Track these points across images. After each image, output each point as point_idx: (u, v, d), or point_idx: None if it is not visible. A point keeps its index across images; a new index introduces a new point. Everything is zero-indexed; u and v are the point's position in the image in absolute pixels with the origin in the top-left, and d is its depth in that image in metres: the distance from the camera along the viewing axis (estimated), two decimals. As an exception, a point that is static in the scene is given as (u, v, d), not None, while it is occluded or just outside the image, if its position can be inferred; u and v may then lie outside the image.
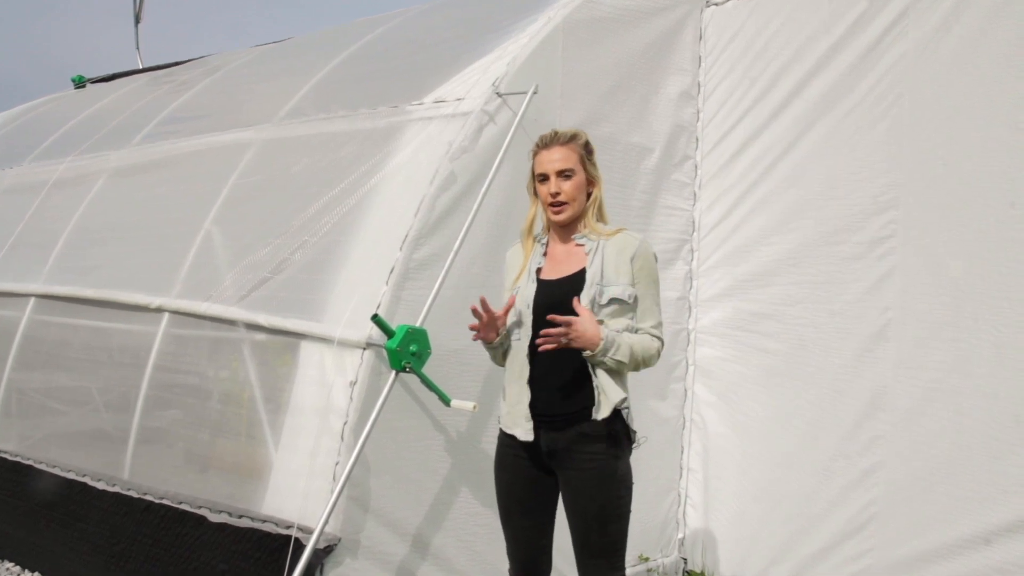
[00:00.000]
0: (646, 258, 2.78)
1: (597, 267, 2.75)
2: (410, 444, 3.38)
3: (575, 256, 2.83)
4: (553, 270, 2.85)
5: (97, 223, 4.92)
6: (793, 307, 4.07)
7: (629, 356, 2.71)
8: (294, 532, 3.16)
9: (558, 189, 2.79)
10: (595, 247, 2.79)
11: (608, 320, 2.73)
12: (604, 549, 2.75)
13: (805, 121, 4.06)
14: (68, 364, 4.65)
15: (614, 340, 2.69)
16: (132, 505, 3.83)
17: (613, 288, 2.73)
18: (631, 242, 2.79)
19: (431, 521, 3.45)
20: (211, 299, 3.81)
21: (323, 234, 3.67)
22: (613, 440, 2.73)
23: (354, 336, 3.24)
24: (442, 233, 3.43)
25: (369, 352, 3.22)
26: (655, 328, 2.79)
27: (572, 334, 2.64)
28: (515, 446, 2.83)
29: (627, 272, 2.75)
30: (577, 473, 2.74)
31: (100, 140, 5.66)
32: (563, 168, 2.79)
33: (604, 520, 2.73)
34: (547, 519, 2.88)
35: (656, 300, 2.81)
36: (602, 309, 2.73)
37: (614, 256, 2.76)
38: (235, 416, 3.73)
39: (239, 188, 4.29)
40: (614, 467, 2.73)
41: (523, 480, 2.85)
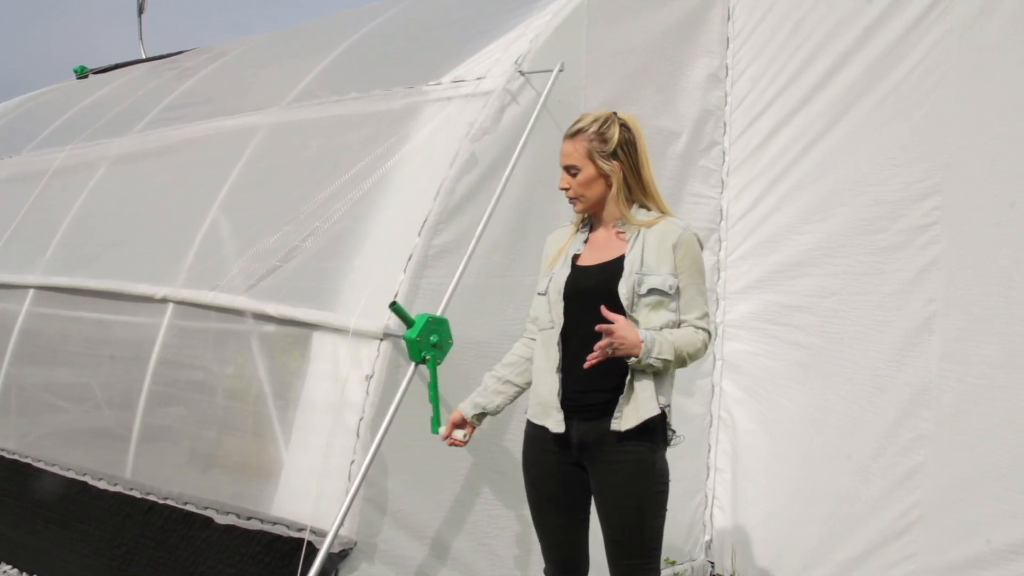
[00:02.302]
0: (689, 246, 2.60)
1: (636, 255, 2.58)
2: (429, 442, 3.16)
3: (615, 243, 2.65)
4: (591, 256, 2.67)
5: (98, 212, 4.73)
6: (828, 299, 3.88)
7: (673, 353, 2.53)
8: (307, 535, 2.97)
9: (566, 184, 2.66)
10: (636, 235, 2.61)
11: (648, 313, 2.55)
12: (640, 549, 2.57)
13: (841, 104, 3.86)
14: (68, 359, 4.48)
15: (655, 339, 2.51)
16: (135, 506, 3.65)
17: (653, 278, 2.55)
18: (673, 229, 2.61)
19: (450, 523, 3.26)
20: (217, 288, 3.62)
21: (335, 220, 3.48)
22: (650, 431, 2.55)
23: (370, 326, 3.06)
24: (462, 218, 3.25)
25: (386, 343, 3.04)
26: (700, 319, 2.61)
27: (616, 342, 2.46)
28: (545, 439, 2.66)
29: (669, 261, 2.57)
30: (611, 466, 2.56)
31: (102, 128, 5.48)
32: (568, 164, 2.64)
33: (641, 517, 2.55)
34: (583, 513, 2.71)
35: (701, 290, 2.62)
36: (641, 300, 2.55)
37: (655, 244, 2.59)
38: (242, 413, 3.54)
39: (246, 174, 4.11)
40: (651, 460, 2.56)
41: (554, 474, 2.67)
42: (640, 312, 2.55)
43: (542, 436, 2.66)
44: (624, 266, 2.57)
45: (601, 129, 2.63)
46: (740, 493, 4.18)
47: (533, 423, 2.70)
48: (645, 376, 2.54)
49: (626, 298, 2.54)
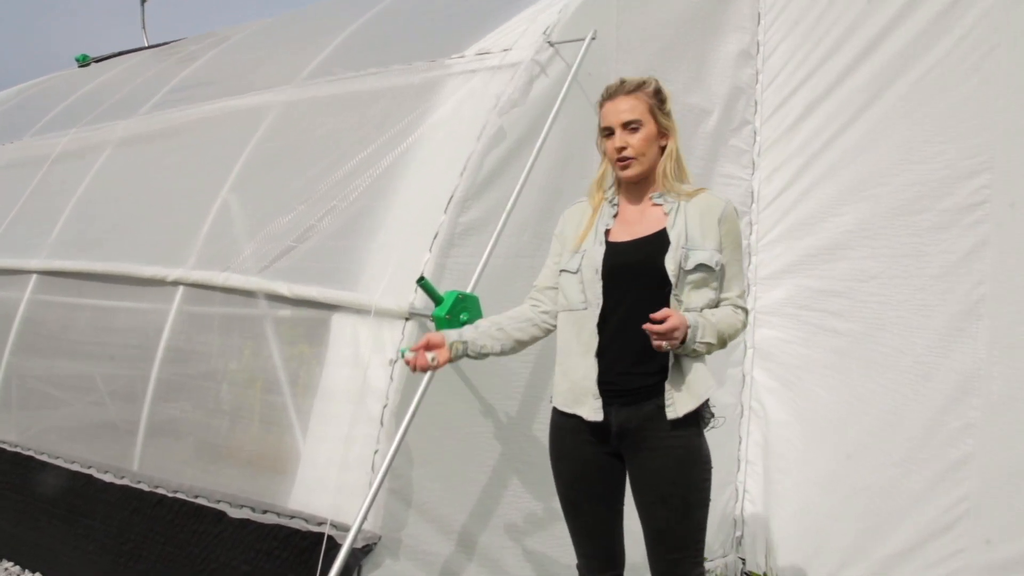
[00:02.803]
0: (733, 221, 2.47)
1: (680, 229, 2.41)
2: (455, 430, 3.02)
3: (651, 216, 2.48)
4: (624, 231, 2.50)
5: (103, 196, 4.56)
6: (867, 283, 3.71)
7: (716, 335, 2.40)
8: (327, 529, 2.80)
9: (624, 143, 2.45)
10: (676, 207, 2.45)
11: (690, 291, 2.39)
12: (685, 541, 2.42)
13: (881, 79, 3.69)
14: (72, 348, 4.30)
15: (698, 323, 2.36)
16: (142, 499, 3.48)
17: (700, 253, 2.39)
18: (717, 203, 2.46)
19: (477, 517, 3.09)
20: (229, 269, 3.45)
21: (354, 198, 3.31)
22: (696, 415, 2.41)
23: (394, 304, 2.88)
24: (490, 195, 3.07)
25: (412, 324, 2.87)
26: (740, 297, 2.48)
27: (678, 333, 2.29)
28: (577, 428, 2.49)
29: (714, 236, 2.42)
30: (654, 454, 2.40)
31: (105, 111, 5.30)
32: (629, 119, 2.45)
33: (687, 507, 2.40)
34: (618, 505, 2.56)
35: (741, 266, 2.50)
36: (687, 276, 2.39)
37: (698, 218, 2.43)
38: (256, 402, 3.37)
39: (258, 154, 3.93)
40: (698, 446, 2.42)
41: (589, 465, 2.51)
42: (683, 289, 2.39)
43: (573, 426, 2.50)
44: (670, 239, 2.40)
45: (658, 87, 2.49)
46: (772, 487, 4.01)
47: (562, 412, 2.53)
48: (691, 358, 2.40)
49: (673, 273, 2.38)
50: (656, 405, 2.39)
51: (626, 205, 2.53)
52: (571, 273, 2.52)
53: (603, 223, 2.52)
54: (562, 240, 2.60)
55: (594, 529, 2.55)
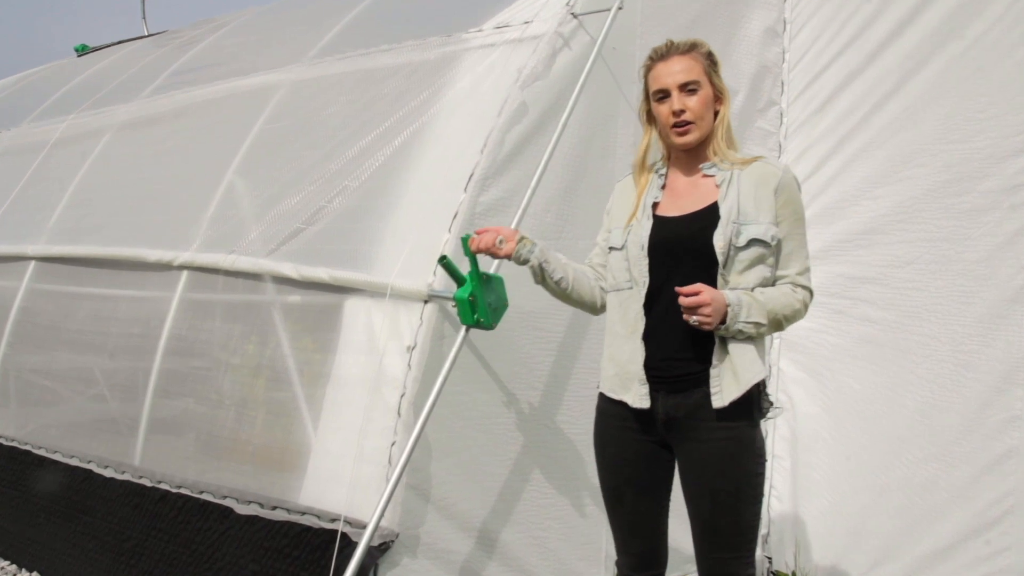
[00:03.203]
0: (792, 191, 2.26)
1: (733, 201, 2.23)
2: (476, 422, 2.86)
3: (702, 189, 2.30)
4: (673, 205, 2.33)
5: (104, 180, 4.39)
6: (902, 269, 3.54)
7: (767, 316, 2.21)
8: (340, 526, 2.64)
9: (682, 106, 2.26)
10: (728, 178, 2.26)
11: (742, 270, 2.21)
12: (734, 539, 2.24)
13: (916, 57, 3.52)
14: (71, 338, 4.13)
15: (742, 301, 2.18)
16: (144, 495, 3.31)
17: (753, 227, 2.21)
18: (773, 172, 2.26)
19: (499, 514, 2.93)
20: (236, 252, 3.28)
21: (366, 178, 3.15)
22: (749, 403, 2.21)
23: (412, 285, 2.72)
24: (512, 173, 2.91)
25: (431, 307, 2.70)
26: (801, 275, 2.28)
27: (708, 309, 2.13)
28: (622, 415, 2.33)
29: (769, 208, 2.23)
30: (704, 445, 2.23)
31: (106, 96, 5.14)
32: (686, 80, 2.26)
33: (738, 502, 2.22)
34: (665, 500, 2.39)
35: (803, 241, 2.29)
36: (739, 253, 2.21)
37: (753, 188, 2.24)
38: (264, 393, 3.21)
39: (265, 135, 3.76)
40: (751, 436, 2.23)
41: (635, 455, 2.34)
42: (734, 268, 2.21)
43: (619, 412, 2.33)
44: (720, 213, 2.22)
45: (710, 50, 2.32)
46: (801, 482, 3.84)
47: (608, 398, 2.37)
48: (740, 340, 2.21)
49: (722, 251, 2.20)
50: (704, 393, 2.22)
51: (676, 176, 2.36)
52: (617, 250, 2.36)
53: (651, 196, 2.36)
54: (611, 216, 2.45)
55: (637, 524, 2.39)
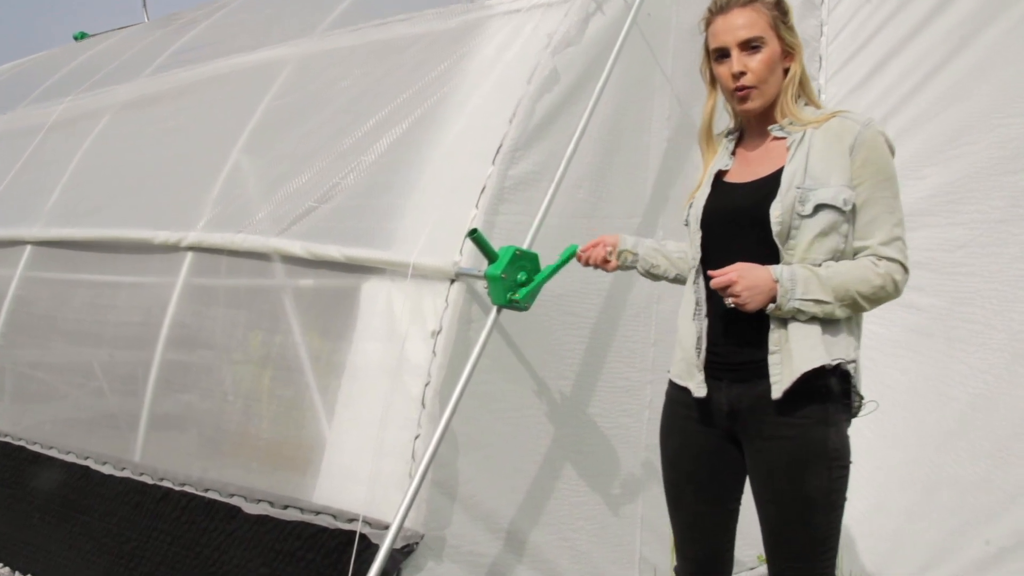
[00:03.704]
0: (873, 147, 1.96)
1: (799, 164, 1.98)
2: (504, 414, 2.64)
3: (774, 153, 2.06)
4: (743, 172, 2.10)
5: (103, 162, 4.17)
6: (953, 253, 3.32)
7: (832, 293, 1.93)
8: (359, 526, 2.42)
9: (742, 67, 2.01)
10: (799, 139, 2.01)
11: (812, 242, 1.96)
12: (805, 550, 1.99)
13: (969, 25, 3.30)
14: (68, 328, 3.92)
15: (794, 276, 1.93)
16: (145, 493, 3.10)
17: (822, 191, 1.94)
18: (849, 127, 1.98)
19: (528, 513, 2.71)
20: (246, 230, 3.06)
21: (383, 152, 2.93)
22: (822, 396, 1.96)
23: (437, 262, 2.50)
24: (542, 145, 2.70)
25: (456, 289, 2.48)
26: (886, 245, 1.97)
27: (738, 288, 1.92)
28: (688, 404, 2.11)
29: (843, 169, 1.96)
30: (769, 444, 1.99)
31: (105, 77, 4.92)
32: (748, 37, 2.01)
33: (806, 510, 1.97)
34: (732, 503, 2.15)
35: (890, 206, 1.98)
36: (804, 223, 1.95)
37: (824, 148, 1.98)
38: (274, 384, 2.99)
39: (273, 111, 3.55)
40: (824, 435, 1.96)
41: (698, 449, 2.12)
42: (800, 240, 1.96)
43: (685, 400, 2.11)
44: (782, 179, 1.98)
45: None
46: (841, 480, 3.63)
47: (676, 384, 2.15)
48: (804, 322, 1.96)
49: (779, 222, 1.96)
50: (768, 384, 1.97)
51: (749, 141, 2.13)
52: (685, 226, 2.16)
53: (719, 164, 2.14)
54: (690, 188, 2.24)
55: (695, 526, 2.16)
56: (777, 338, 1.97)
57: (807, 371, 1.93)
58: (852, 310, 1.98)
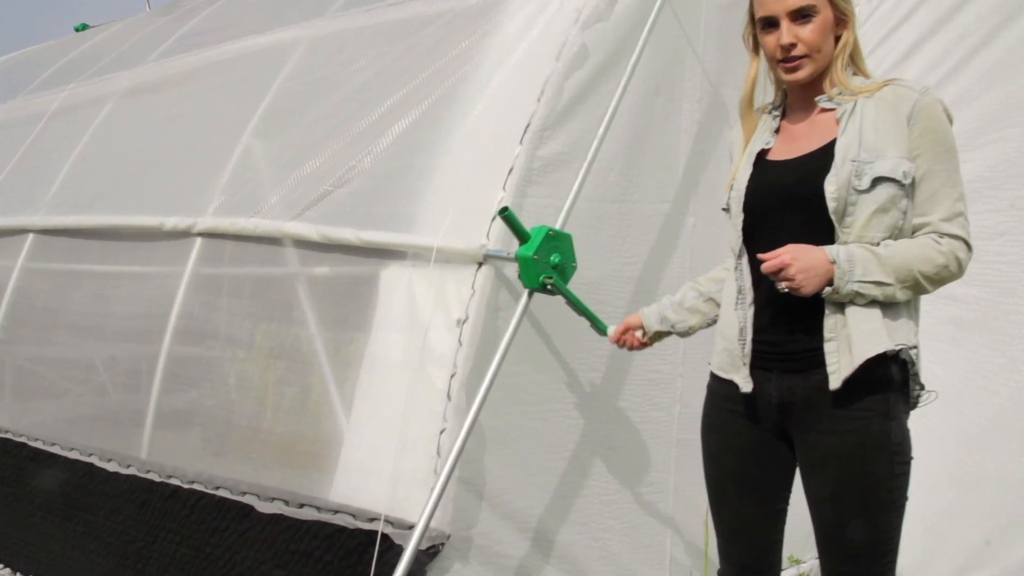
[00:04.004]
0: (932, 116, 1.83)
1: (853, 135, 1.84)
2: (532, 407, 2.51)
3: (820, 126, 1.92)
4: (787, 149, 1.96)
5: (107, 150, 4.03)
6: (993, 240, 3.18)
7: (893, 274, 1.80)
8: (380, 526, 2.28)
9: (792, 38, 1.87)
10: (850, 109, 1.87)
11: (869, 219, 1.82)
12: (867, 552, 1.86)
13: (1012, 4, 3.17)
14: (71, 321, 3.79)
15: (852, 256, 1.80)
16: (152, 491, 2.96)
17: (880, 163, 1.80)
18: (906, 95, 1.84)
19: (556, 512, 2.58)
20: (259, 214, 2.93)
21: (401, 134, 2.79)
22: (885, 386, 1.82)
23: (463, 245, 2.36)
24: (572, 125, 2.56)
25: (483, 275, 2.35)
26: (948, 221, 1.84)
27: (792, 271, 1.78)
28: (732, 398, 1.98)
29: (900, 139, 1.82)
30: (826, 439, 1.85)
31: (108, 64, 4.78)
32: (799, 6, 1.86)
33: (866, 511, 1.84)
34: (780, 503, 2.02)
35: (951, 179, 1.85)
36: (860, 198, 1.81)
37: (880, 117, 1.84)
38: (288, 375, 2.86)
39: (284, 95, 3.41)
40: (887, 429, 1.83)
41: (743, 445, 1.99)
42: (856, 218, 1.83)
43: (729, 394, 1.98)
44: (835, 153, 1.85)
45: None
46: (874, 478, 3.50)
47: (718, 377, 2.02)
48: (863, 305, 1.82)
49: (836, 198, 1.82)
50: (824, 375, 1.84)
51: (793, 115, 1.99)
52: (725, 211, 2.02)
53: (760, 141, 2.00)
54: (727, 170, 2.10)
55: (739, 528, 2.03)
56: (833, 324, 1.84)
57: (869, 358, 1.79)
58: (913, 292, 1.85)
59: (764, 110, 2.04)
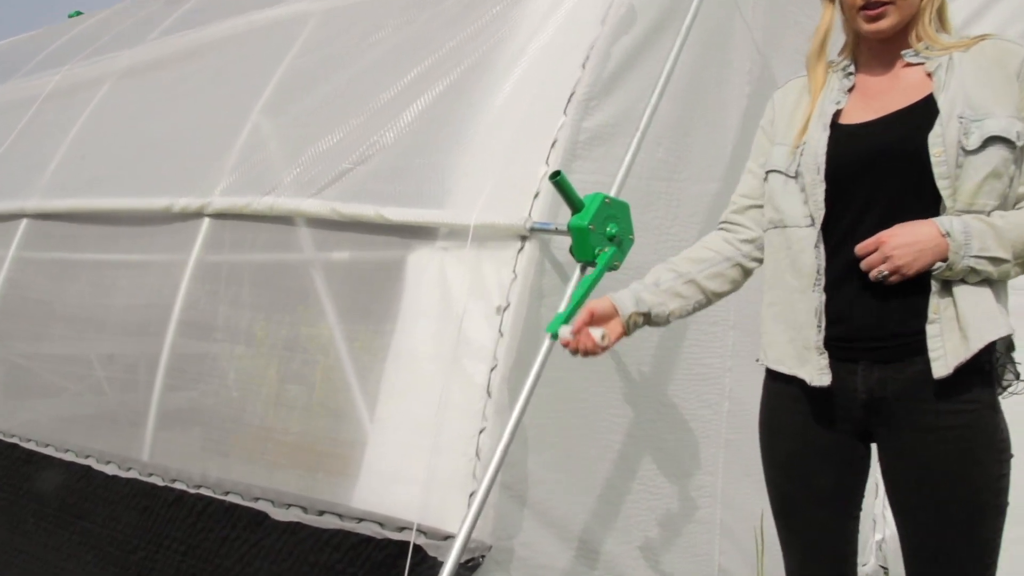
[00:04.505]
0: None
1: (956, 90, 1.63)
2: (575, 403, 2.29)
3: (907, 81, 1.71)
4: (865, 109, 1.74)
5: (106, 131, 3.79)
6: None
7: (1011, 248, 1.60)
8: (413, 536, 2.06)
9: None
10: (945, 63, 1.67)
11: (978, 184, 1.60)
12: (970, 563, 1.65)
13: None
14: (68, 313, 3.56)
15: (968, 229, 1.59)
16: (155, 497, 2.73)
17: (990, 122, 1.60)
18: (1012, 51, 1.65)
19: (601, 519, 2.35)
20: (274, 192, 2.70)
21: (427, 106, 2.56)
22: (986, 374, 1.62)
23: (504, 220, 2.14)
24: (619, 95, 2.34)
25: (527, 256, 2.12)
26: None
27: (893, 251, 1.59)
28: (799, 396, 1.75)
29: (1009, 97, 1.62)
30: (930, 436, 1.64)
31: (105, 44, 4.54)
32: None
33: (974, 516, 1.63)
34: (855, 509, 1.80)
35: None
36: (969, 160, 1.60)
37: (983, 73, 1.64)
38: (304, 371, 2.63)
39: (296, 70, 3.18)
40: (995, 423, 1.63)
41: (817, 450, 1.77)
42: (964, 183, 1.61)
43: (795, 392, 1.76)
44: (939, 107, 1.63)
45: None
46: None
47: (780, 374, 1.79)
48: (975, 284, 1.61)
49: (943, 160, 1.61)
50: (924, 362, 1.63)
51: (868, 73, 1.78)
52: (785, 176, 1.78)
53: (831, 101, 1.77)
54: (770, 133, 1.87)
55: (816, 543, 1.80)
56: (937, 304, 1.62)
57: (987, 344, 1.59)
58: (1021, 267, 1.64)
59: (836, 66, 1.82)
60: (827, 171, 1.73)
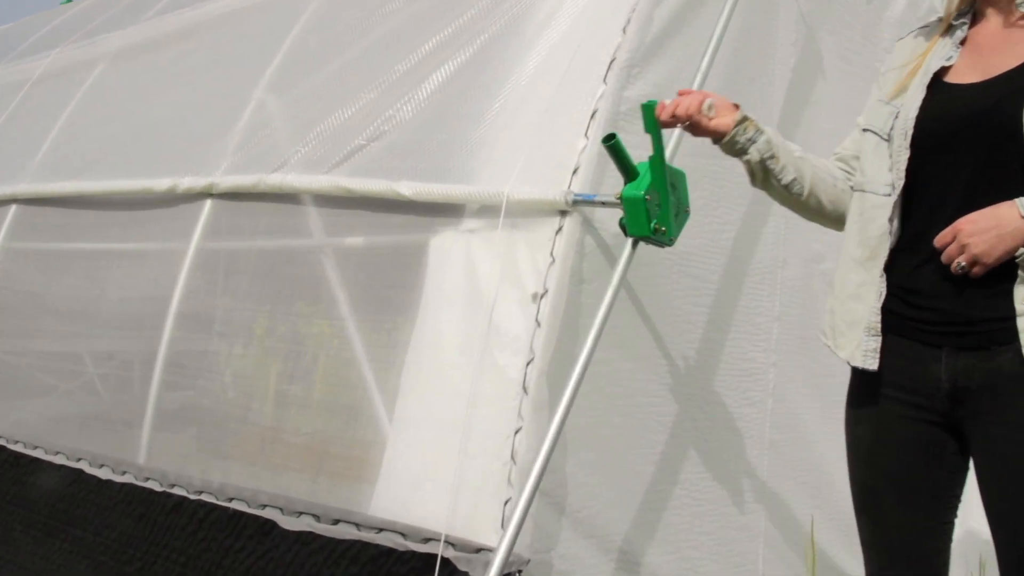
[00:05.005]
0: None
1: None
2: (618, 401, 2.09)
3: (1018, 36, 1.53)
4: (974, 67, 1.56)
5: (100, 113, 3.61)
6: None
7: None
8: (440, 548, 1.85)
9: None
10: None
11: None
12: None
13: None
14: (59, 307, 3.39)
15: None
16: (152, 503, 2.55)
17: None
18: None
19: (643, 528, 2.15)
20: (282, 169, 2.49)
21: (448, 78, 2.38)
22: None
23: (542, 194, 1.94)
24: (662, 62, 2.15)
25: (565, 239, 1.92)
26: None
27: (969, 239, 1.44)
28: (881, 381, 1.59)
29: None
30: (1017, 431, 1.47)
31: (100, 25, 4.35)
32: None
33: None
34: (948, 512, 1.62)
35: None
36: None
37: None
38: (314, 367, 2.44)
39: (301, 46, 2.99)
40: None
41: (901, 441, 1.60)
42: None
43: (876, 379, 1.59)
44: None
45: None
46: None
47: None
48: None
49: None
50: (1016, 351, 1.46)
51: (984, 26, 1.59)
52: (877, 136, 1.61)
53: (940, 56, 1.59)
54: (880, 84, 1.69)
55: (899, 543, 1.62)
56: None
57: None
58: None
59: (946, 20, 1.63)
60: (913, 137, 1.55)
